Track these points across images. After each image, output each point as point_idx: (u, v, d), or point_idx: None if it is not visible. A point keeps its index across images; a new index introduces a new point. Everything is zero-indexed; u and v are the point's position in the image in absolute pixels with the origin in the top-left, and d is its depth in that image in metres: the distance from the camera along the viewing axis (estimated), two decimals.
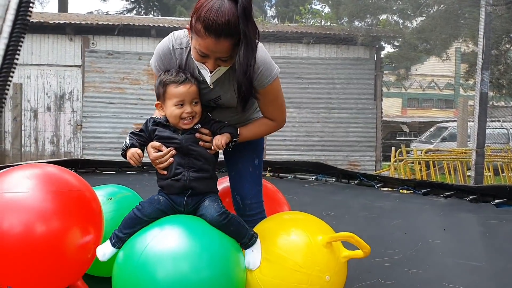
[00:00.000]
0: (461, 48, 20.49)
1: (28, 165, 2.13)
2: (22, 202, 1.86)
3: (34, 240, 1.82)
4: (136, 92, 11.03)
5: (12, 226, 1.81)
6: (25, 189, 1.89)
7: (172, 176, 1.92)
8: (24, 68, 10.87)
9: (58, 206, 1.90)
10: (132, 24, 10.95)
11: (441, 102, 30.18)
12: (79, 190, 2.04)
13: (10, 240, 1.80)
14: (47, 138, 10.93)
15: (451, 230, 3.70)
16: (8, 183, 1.94)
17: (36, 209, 1.85)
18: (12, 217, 1.83)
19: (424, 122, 24.56)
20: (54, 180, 1.99)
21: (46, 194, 1.91)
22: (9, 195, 1.87)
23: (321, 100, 11.28)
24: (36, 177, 1.97)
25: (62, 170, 2.13)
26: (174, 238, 1.76)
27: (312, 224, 2.07)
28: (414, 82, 28.97)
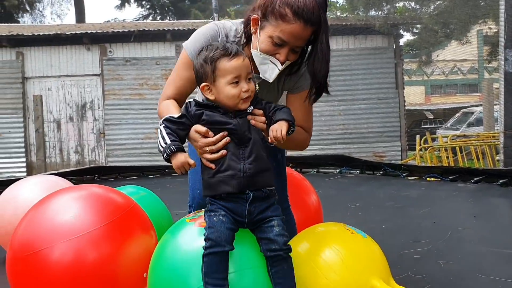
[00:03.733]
0: (483, 30, 20.01)
1: (74, 188, 2.13)
2: (72, 228, 1.81)
3: (85, 267, 1.78)
4: (156, 97, 11.07)
5: (63, 253, 1.77)
6: (72, 214, 1.86)
7: (224, 170, 1.57)
8: (44, 81, 11.02)
9: (108, 229, 1.86)
10: (147, 29, 11.00)
11: (465, 87, 29.57)
12: (127, 208, 2.01)
13: (61, 267, 1.77)
14: (72, 148, 11.07)
15: (482, 216, 3.58)
16: (56, 206, 1.92)
17: (86, 235, 1.80)
18: (63, 243, 1.78)
19: (449, 108, 24.07)
20: (101, 201, 1.96)
21: (94, 217, 1.86)
22: (58, 221, 1.84)
23: (341, 92, 11.13)
24: (83, 200, 1.95)
25: (107, 189, 2.12)
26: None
27: (371, 258, 1.83)
28: (436, 69, 28.44)
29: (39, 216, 1.89)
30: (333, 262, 1.76)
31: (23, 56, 10.95)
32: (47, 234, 1.81)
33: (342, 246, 1.80)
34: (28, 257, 1.79)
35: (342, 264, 1.75)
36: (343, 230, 1.88)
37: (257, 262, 1.60)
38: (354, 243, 1.84)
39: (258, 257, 1.61)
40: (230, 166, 1.57)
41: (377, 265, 1.82)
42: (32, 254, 1.78)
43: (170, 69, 11.08)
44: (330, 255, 1.78)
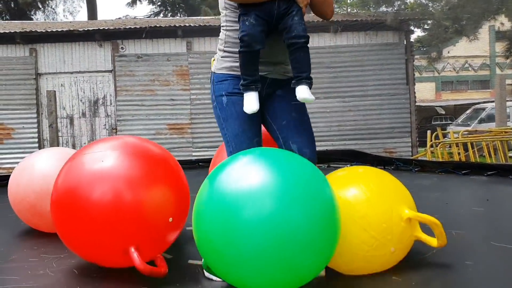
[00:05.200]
0: (495, 26, 19.83)
1: (110, 138, 2.28)
2: (110, 170, 1.99)
3: (123, 207, 1.93)
4: (167, 93, 11.15)
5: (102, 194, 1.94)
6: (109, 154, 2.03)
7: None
8: (58, 77, 11.14)
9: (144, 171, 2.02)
10: (158, 26, 11.06)
11: (477, 84, 29.33)
12: (163, 156, 2.17)
13: (100, 205, 1.92)
14: (84, 143, 11.18)
15: (495, 200, 3.58)
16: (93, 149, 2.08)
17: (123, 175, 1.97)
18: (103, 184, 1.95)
19: (460, 105, 23.91)
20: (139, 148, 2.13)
21: (132, 158, 2.04)
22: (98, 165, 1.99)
23: (351, 88, 11.12)
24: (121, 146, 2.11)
25: (144, 140, 2.28)
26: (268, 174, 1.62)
27: (398, 191, 1.99)
28: (447, 65, 28.24)
29: (80, 163, 2.05)
30: (365, 189, 1.91)
31: (36, 53, 11.07)
32: (87, 177, 1.98)
33: (371, 179, 1.98)
34: (72, 199, 1.96)
35: (371, 193, 1.89)
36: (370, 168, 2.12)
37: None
38: (382, 175, 2.05)
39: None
40: None
41: (406, 197, 1.96)
42: (75, 196, 1.96)
43: (181, 65, 11.15)
44: (361, 186, 1.93)
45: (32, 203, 2.78)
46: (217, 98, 2.17)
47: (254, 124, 2.13)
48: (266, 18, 1.98)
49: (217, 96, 2.17)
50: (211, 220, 1.60)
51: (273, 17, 1.98)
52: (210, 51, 11.12)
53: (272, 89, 2.16)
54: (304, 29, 1.98)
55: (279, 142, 2.17)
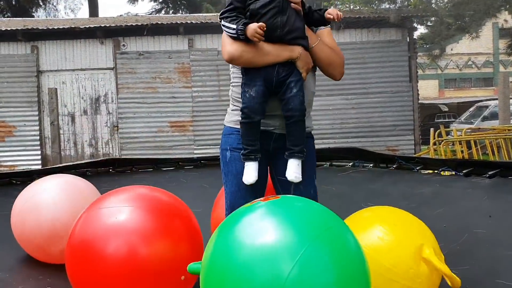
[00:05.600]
0: (498, 23, 19.73)
1: (123, 189, 2.27)
2: (124, 225, 2.01)
3: (136, 262, 1.94)
4: (168, 91, 11.12)
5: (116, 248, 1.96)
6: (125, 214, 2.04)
7: (268, 19, 1.99)
8: (59, 74, 11.12)
9: (159, 225, 2.04)
10: (160, 23, 11.03)
11: (480, 81, 29.21)
12: (177, 209, 2.19)
13: (114, 260, 1.94)
14: (86, 141, 11.17)
15: (498, 216, 3.52)
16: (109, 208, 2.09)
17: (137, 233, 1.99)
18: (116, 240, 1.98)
19: (463, 102, 23.81)
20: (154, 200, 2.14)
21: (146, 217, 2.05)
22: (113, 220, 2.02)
23: (354, 86, 11.07)
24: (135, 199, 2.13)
25: (154, 190, 2.29)
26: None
27: (413, 226, 1.96)
28: (450, 62, 28.13)
29: (94, 217, 2.08)
30: (389, 226, 1.92)
31: (38, 50, 11.05)
32: (103, 232, 2.00)
33: (394, 215, 2.02)
34: (87, 254, 1.98)
35: (393, 226, 1.90)
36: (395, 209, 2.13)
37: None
38: (407, 216, 2.06)
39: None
40: (274, 20, 2.00)
41: (428, 236, 1.95)
42: (90, 251, 1.97)
43: (183, 62, 11.11)
44: (381, 232, 1.91)
45: (40, 245, 2.74)
46: (222, 152, 2.22)
47: (253, 185, 2.11)
48: (266, 85, 2.02)
49: (223, 149, 2.22)
50: (221, 285, 1.39)
51: (272, 83, 2.02)
52: (212, 48, 11.09)
53: (279, 144, 2.15)
54: (302, 101, 2.01)
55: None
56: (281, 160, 2.15)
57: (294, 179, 2.04)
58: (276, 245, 1.35)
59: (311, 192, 2.18)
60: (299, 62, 2.02)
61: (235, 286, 1.34)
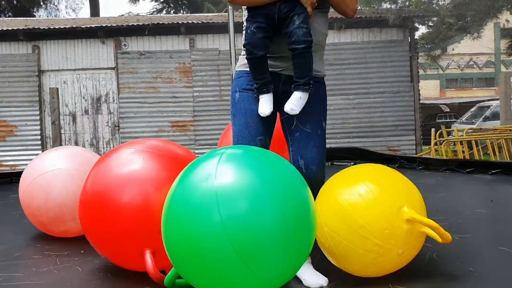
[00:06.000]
0: (500, 23, 19.72)
1: (131, 143, 2.29)
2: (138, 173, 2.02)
3: (151, 210, 1.94)
4: (170, 91, 11.12)
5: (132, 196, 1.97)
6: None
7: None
8: (60, 74, 11.13)
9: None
10: (161, 23, 11.03)
11: (481, 81, 29.18)
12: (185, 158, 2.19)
13: (126, 207, 1.95)
14: (87, 141, 11.18)
15: (499, 201, 3.53)
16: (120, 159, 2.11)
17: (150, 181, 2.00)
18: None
19: (464, 102, 23.79)
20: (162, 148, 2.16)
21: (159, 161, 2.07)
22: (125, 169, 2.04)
23: (355, 86, 11.07)
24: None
25: (166, 142, 2.33)
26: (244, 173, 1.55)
27: (402, 191, 1.91)
28: (452, 62, 28.11)
29: (107, 168, 2.10)
30: (369, 183, 1.87)
31: (39, 50, 11.06)
32: (117, 181, 2.02)
33: (381, 174, 1.96)
34: (100, 203, 2.00)
35: (377, 185, 1.85)
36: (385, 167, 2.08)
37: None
38: (395, 173, 2.02)
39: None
40: None
41: (412, 197, 1.91)
42: (104, 200, 1.99)
43: (184, 62, 11.11)
44: (360, 188, 1.88)
45: (44, 222, 2.77)
46: (232, 95, 2.20)
47: (260, 122, 2.10)
48: (268, 22, 2.00)
49: (233, 92, 2.20)
50: (179, 223, 1.52)
51: (275, 20, 1.99)
52: (213, 48, 11.09)
53: (288, 86, 2.10)
54: (305, 33, 1.96)
55: (290, 153, 2.16)
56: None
57: (289, 111, 2.00)
58: (230, 185, 1.51)
59: (317, 132, 2.12)
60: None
61: (192, 223, 1.48)
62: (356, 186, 1.87)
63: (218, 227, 1.43)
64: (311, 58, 2.02)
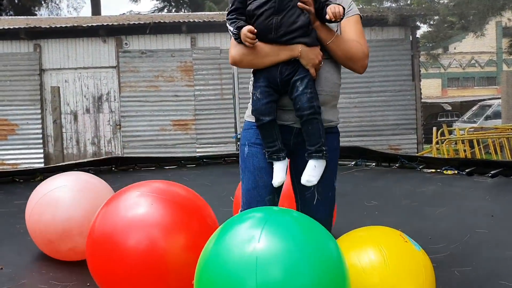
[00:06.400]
0: (502, 22, 19.67)
1: (141, 183, 2.29)
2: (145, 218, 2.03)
3: (157, 255, 1.96)
4: (171, 89, 11.12)
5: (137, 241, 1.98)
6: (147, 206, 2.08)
7: (262, 21, 1.91)
8: (62, 73, 11.13)
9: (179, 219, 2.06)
10: (163, 21, 11.02)
11: (483, 80, 29.15)
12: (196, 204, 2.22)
13: (136, 254, 1.96)
14: (88, 140, 11.19)
15: (499, 216, 3.52)
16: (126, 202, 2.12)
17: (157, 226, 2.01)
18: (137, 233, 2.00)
19: (466, 101, 23.76)
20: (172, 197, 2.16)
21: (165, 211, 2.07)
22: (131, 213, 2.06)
23: (357, 85, 11.04)
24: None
25: (171, 184, 2.32)
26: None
27: (405, 263, 1.78)
28: (453, 61, 28.06)
29: (114, 211, 2.11)
30: (378, 264, 1.75)
31: (41, 49, 11.06)
32: (123, 225, 2.03)
33: (391, 252, 1.78)
34: (108, 247, 2.00)
35: (386, 269, 1.73)
36: (397, 236, 1.88)
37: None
38: (405, 251, 1.81)
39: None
40: (268, 21, 1.90)
41: (424, 281, 1.77)
42: (111, 244, 2.00)
43: (185, 61, 11.11)
44: (376, 257, 1.77)
45: (52, 239, 2.79)
46: (241, 147, 2.14)
47: (270, 181, 2.03)
48: (271, 85, 1.95)
49: (242, 144, 2.13)
50: (213, 285, 1.48)
51: (277, 83, 1.94)
52: (214, 47, 11.09)
53: (300, 139, 2.04)
54: (310, 98, 1.89)
55: (297, 206, 2.12)
56: (300, 157, 2.04)
57: (306, 183, 1.94)
58: (264, 252, 1.44)
59: (329, 194, 2.08)
60: (302, 60, 1.91)
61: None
62: (361, 257, 1.79)
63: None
64: (320, 125, 1.94)
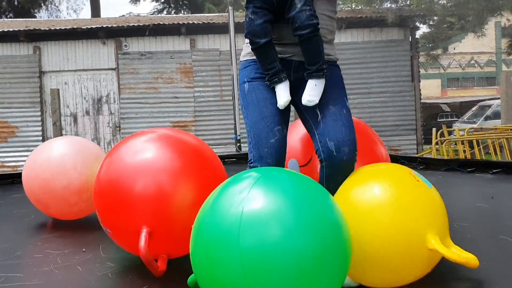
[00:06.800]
0: (501, 22, 19.68)
1: (144, 132, 2.32)
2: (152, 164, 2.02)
3: (166, 199, 1.93)
4: (170, 91, 11.12)
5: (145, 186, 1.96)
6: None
7: None
8: (61, 75, 11.14)
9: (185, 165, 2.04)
10: (162, 23, 11.03)
11: (483, 80, 29.17)
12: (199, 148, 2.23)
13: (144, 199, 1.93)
14: None
15: (500, 197, 3.53)
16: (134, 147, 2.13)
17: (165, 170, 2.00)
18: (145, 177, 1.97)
19: (466, 102, 23.77)
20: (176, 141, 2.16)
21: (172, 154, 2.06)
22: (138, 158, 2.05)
23: (356, 86, 11.06)
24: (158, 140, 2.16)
25: (178, 131, 2.33)
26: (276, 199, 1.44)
27: (422, 204, 1.65)
28: (453, 61, 28.08)
29: (121, 156, 2.11)
30: (386, 202, 1.62)
31: (40, 51, 11.07)
32: (131, 170, 2.01)
33: (401, 189, 1.65)
34: (115, 191, 1.99)
35: (396, 207, 1.61)
36: (406, 173, 1.75)
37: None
38: (416, 188, 1.69)
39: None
40: None
41: (437, 219, 1.67)
42: (118, 188, 1.98)
43: (185, 62, 11.12)
44: (384, 194, 1.63)
45: (46, 178, 2.88)
46: (241, 86, 2.07)
47: (276, 111, 1.97)
48: (266, 5, 1.85)
49: (241, 83, 2.07)
50: (209, 245, 1.45)
51: (273, 4, 1.85)
52: (214, 49, 11.09)
53: (300, 73, 1.97)
54: (309, 16, 1.79)
55: (315, 138, 1.96)
56: (303, 90, 1.95)
57: (307, 103, 1.87)
58: (260, 212, 1.41)
59: (343, 111, 1.95)
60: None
61: (222, 248, 1.41)
62: (368, 194, 1.66)
63: (235, 254, 1.37)
64: (320, 42, 1.85)
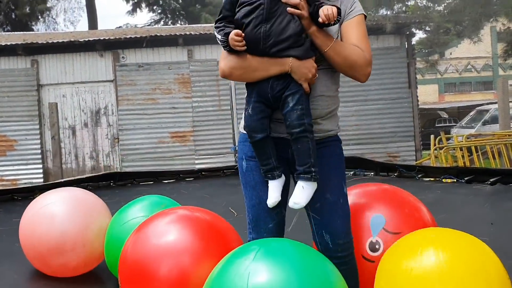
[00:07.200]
0: (497, 27, 19.77)
1: (168, 211, 2.29)
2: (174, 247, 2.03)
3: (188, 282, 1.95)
4: (169, 102, 11.14)
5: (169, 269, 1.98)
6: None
7: (250, 30, 1.77)
8: (59, 88, 11.16)
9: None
10: (159, 34, 11.07)
11: (480, 85, 29.28)
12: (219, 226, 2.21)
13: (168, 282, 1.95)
14: (87, 154, 11.19)
15: (499, 223, 3.53)
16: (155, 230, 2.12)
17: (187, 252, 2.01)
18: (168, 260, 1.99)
19: (463, 106, 23.81)
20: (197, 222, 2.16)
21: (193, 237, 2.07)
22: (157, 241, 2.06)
23: (354, 93, 11.08)
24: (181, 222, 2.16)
25: (196, 210, 2.30)
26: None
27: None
28: (450, 67, 28.19)
29: (145, 238, 2.11)
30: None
31: (38, 64, 11.10)
32: (154, 253, 2.03)
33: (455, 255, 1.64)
34: (140, 275, 2.00)
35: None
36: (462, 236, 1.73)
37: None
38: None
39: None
40: (255, 27, 1.77)
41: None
42: (143, 272, 1.99)
43: (183, 73, 11.14)
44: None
45: (44, 254, 2.81)
46: (239, 162, 2.05)
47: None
48: (264, 101, 1.85)
49: (239, 159, 2.04)
50: None
51: (269, 99, 1.84)
52: (211, 59, 11.13)
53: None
54: (300, 115, 1.78)
55: (312, 227, 1.98)
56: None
57: (293, 205, 1.83)
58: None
59: (340, 201, 1.94)
60: (294, 75, 1.78)
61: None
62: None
63: None
64: (310, 144, 1.82)
